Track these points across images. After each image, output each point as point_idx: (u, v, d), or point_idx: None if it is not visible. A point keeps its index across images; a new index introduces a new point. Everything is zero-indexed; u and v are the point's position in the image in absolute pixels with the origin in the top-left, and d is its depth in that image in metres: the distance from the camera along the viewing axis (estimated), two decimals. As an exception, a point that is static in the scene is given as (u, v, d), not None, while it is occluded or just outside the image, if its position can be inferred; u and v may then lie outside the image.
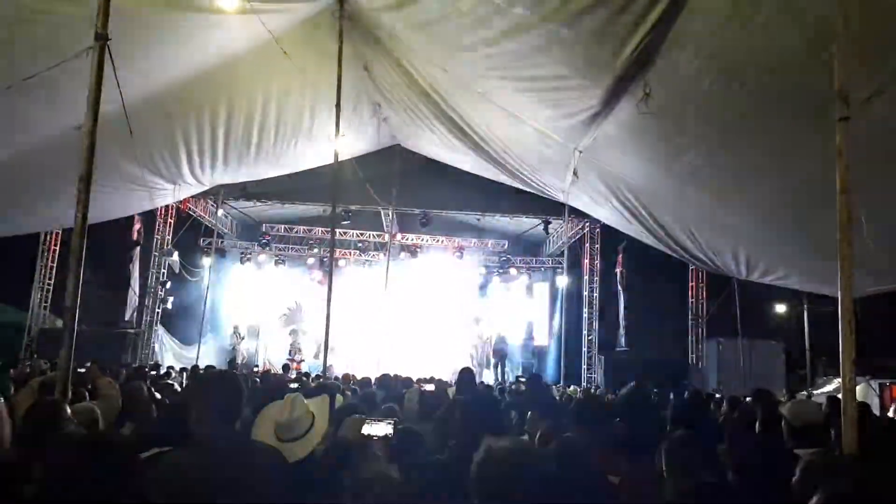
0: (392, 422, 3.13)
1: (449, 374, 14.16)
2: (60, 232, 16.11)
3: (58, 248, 16.48)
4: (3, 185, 9.69)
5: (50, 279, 16.69)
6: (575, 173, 9.88)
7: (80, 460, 2.26)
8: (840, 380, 3.43)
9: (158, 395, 5.98)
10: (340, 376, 11.83)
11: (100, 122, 4.19)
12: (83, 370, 6.73)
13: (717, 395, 12.08)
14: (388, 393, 7.36)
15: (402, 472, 2.02)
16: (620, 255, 18.27)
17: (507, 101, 8.67)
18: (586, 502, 2.14)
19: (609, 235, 17.48)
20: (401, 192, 16.06)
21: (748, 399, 9.49)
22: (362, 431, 3.02)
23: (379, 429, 3.03)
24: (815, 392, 13.17)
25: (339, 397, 5.34)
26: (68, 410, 3.51)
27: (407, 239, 19.86)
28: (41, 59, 6.24)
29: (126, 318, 17.69)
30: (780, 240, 9.12)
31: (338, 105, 8.80)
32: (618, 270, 18.62)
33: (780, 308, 17.32)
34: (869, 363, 13.32)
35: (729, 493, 2.25)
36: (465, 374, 6.96)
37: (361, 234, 19.81)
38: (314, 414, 3.20)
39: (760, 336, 17.17)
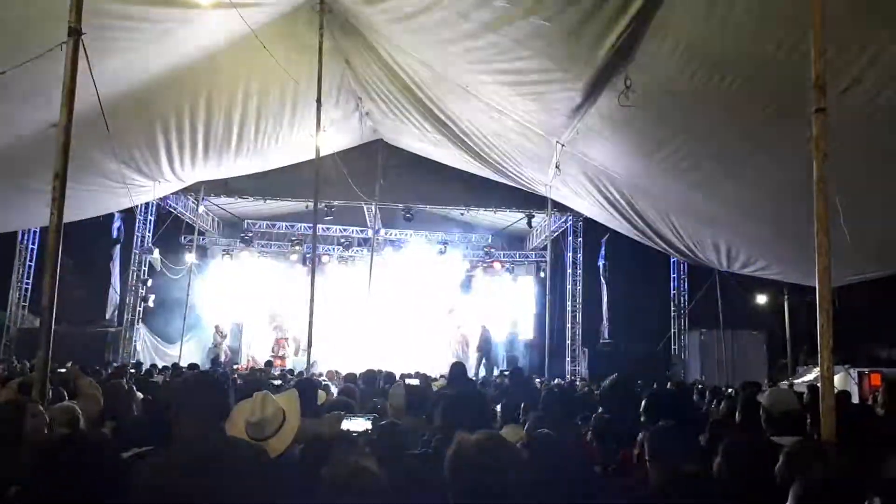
0: (371, 417, 3.13)
1: (433, 369, 14.16)
2: (38, 230, 15.89)
3: (36, 247, 16.25)
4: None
5: (28, 278, 16.46)
6: (557, 167, 9.91)
7: (60, 460, 2.24)
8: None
9: (140, 394, 5.92)
10: (325, 373, 11.79)
11: (76, 118, 4.12)
12: (64, 370, 6.66)
13: (700, 386, 12.21)
14: (373, 388, 7.34)
15: (383, 466, 2.02)
16: (603, 248, 18.35)
17: (489, 94, 8.67)
18: (563, 492, 2.15)
19: (592, 229, 17.54)
20: (384, 188, 16.00)
21: (730, 390, 9.61)
22: (342, 427, 3.00)
23: (358, 424, 3.02)
24: (795, 381, 13.33)
25: (321, 394, 5.31)
26: (38, 409, 3.46)
27: (390, 234, 19.81)
28: (15, 55, 6.13)
29: (107, 317, 17.49)
30: (760, 231, 9.22)
31: (318, 100, 8.73)
32: (601, 263, 18.70)
33: (762, 299, 17.49)
34: (849, 352, 13.51)
35: (710, 482, 2.27)
36: (456, 368, 6.99)
37: (345, 230, 19.73)
38: (284, 410, 3.19)
39: (742, 327, 17.34)
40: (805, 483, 1.67)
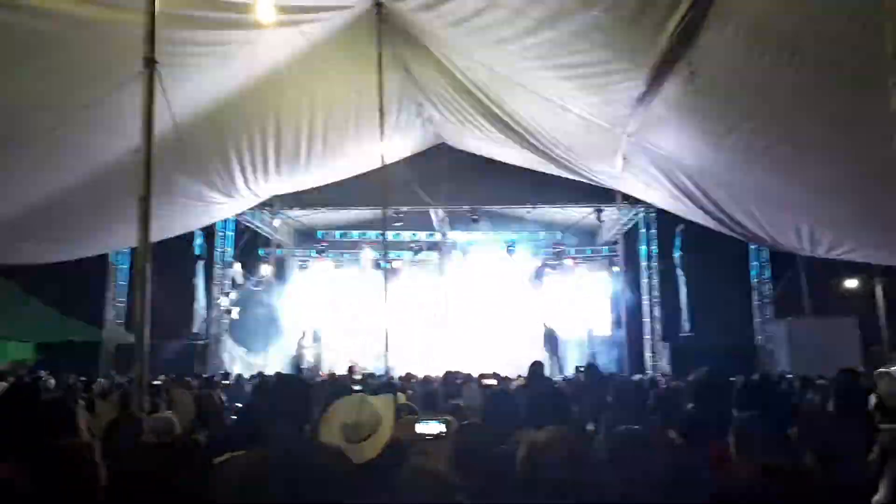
0: (445, 420, 3.14)
1: (511, 369, 14.12)
2: (129, 251, 16.76)
3: (126, 267, 17.16)
4: (67, 210, 10.15)
5: (122, 298, 17.39)
6: (624, 158, 9.73)
7: (159, 466, 2.37)
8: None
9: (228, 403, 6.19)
10: (402, 375, 11.95)
11: (154, 142, 4.37)
12: (158, 382, 7.04)
13: (789, 376, 11.70)
14: (451, 390, 7.42)
15: (459, 467, 2.03)
16: (678, 239, 17.87)
17: (550, 90, 8.60)
18: (642, 487, 2.12)
19: (665, 219, 17.10)
20: (449, 190, 16.10)
21: (821, 380, 9.18)
22: (416, 430, 3.03)
23: (432, 427, 3.03)
24: (892, 369, 12.60)
25: (400, 396, 5.41)
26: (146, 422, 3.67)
27: (458, 236, 19.90)
28: (94, 86, 6.53)
29: (194, 330, 18.31)
30: (843, 212, 8.76)
31: (381, 109, 8.90)
32: (676, 255, 18.22)
33: (851, 283, 16.59)
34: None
35: (799, 474, 2.20)
36: (536, 367, 6.97)
37: (414, 235, 19.97)
38: (381, 414, 3.18)
39: (832, 313, 16.50)
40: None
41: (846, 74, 5.28)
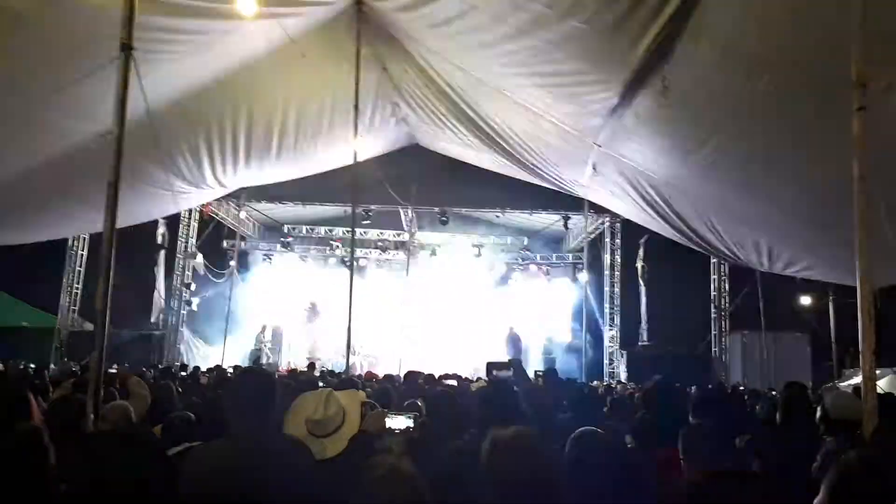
0: (413, 415, 3.17)
1: (472, 371, 14.17)
2: (88, 237, 16.40)
3: (85, 253, 16.77)
4: (31, 191, 9.91)
5: (78, 283, 16.99)
6: (594, 167, 9.88)
7: (112, 456, 2.35)
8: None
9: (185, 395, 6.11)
10: (363, 374, 11.92)
11: (126, 128, 4.31)
12: (113, 371, 6.91)
13: (742, 388, 11.99)
14: (413, 389, 7.42)
15: (418, 463, 2.06)
16: (641, 250, 18.16)
17: (525, 97, 8.70)
18: (600, 487, 2.19)
19: (630, 230, 17.38)
20: (420, 191, 16.13)
21: (772, 392, 9.44)
22: (385, 424, 3.05)
23: (400, 422, 3.06)
24: (840, 385, 12.99)
25: (361, 393, 5.41)
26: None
27: (426, 237, 19.93)
28: (67, 69, 6.40)
29: (152, 321, 17.98)
30: (802, 230, 9.04)
31: (356, 106, 8.89)
32: (639, 265, 18.52)
33: (805, 300, 17.06)
34: (898, 354, 13.07)
35: (745, 481, 2.28)
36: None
37: (381, 234, 19.93)
38: (346, 411, 3.16)
39: (785, 329, 16.95)
40: (836, 470, 1.68)
41: (812, 97, 5.46)
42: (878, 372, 3.99)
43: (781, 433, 4.01)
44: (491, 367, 5.26)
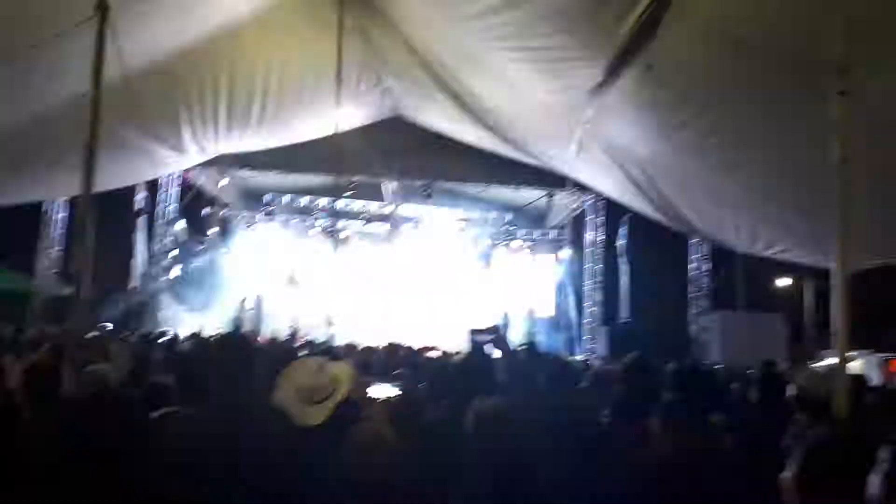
0: (396, 384, 3.19)
1: (454, 345, 14.26)
2: (67, 201, 16.15)
3: (61, 217, 16.52)
4: (7, 153, 9.72)
5: (58, 247, 16.77)
6: (579, 144, 9.87)
7: (91, 418, 2.34)
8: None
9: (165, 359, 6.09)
10: (344, 344, 11.93)
11: (103, 90, 4.22)
12: (93, 335, 6.86)
13: (719, 366, 12.18)
14: (394, 361, 7.48)
15: (399, 432, 2.07)
16: (623, 228, 18.28)
17: (510, 71, 8.63)
18: (575, 457, 2.22)
19: (613, 208, 17.46)
20: (404, 163, 16.03)
21: (749, 371, 9.60)
22: (367, 393, 3.07)
23: (383, 390, 3.09)
24: (814, 365, 13.26)
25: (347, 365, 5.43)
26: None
27: (409, 210, 19.87)
28: (44, 28, 6.23)
29: (131, 286, 17.84)
30: (781, 212, 9.12)
31: (339, 75, 8.78)
32: (620, 243, 18.64)
33: (784, 282, 17.33)
34: (874, 337, 13.33)
35: (717, 455, 2.34)
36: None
37: (365, 205, 19.83)
38: (340, 379, 3.14)
39: (763, 309, 17.22)
40: (804, 446, 1.73)
41: (793, 79, 5.47)
42: (853, 353, 4.07)
43: (756, 410, 4.09)
44: (473, 332, 5.27)
